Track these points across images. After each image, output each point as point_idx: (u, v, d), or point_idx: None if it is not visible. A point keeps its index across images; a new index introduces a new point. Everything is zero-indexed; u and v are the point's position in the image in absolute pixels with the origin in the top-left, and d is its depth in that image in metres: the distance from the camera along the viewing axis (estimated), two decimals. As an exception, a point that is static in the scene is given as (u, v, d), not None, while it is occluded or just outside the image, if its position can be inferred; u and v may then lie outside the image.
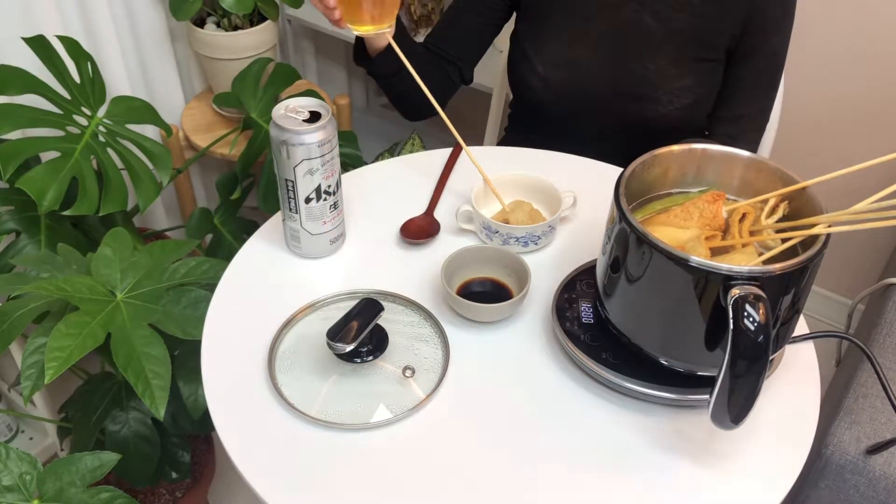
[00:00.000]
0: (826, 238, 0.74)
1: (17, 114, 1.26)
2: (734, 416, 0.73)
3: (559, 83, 1.23)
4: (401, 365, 0.87)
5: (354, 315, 0.84)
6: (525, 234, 1.00)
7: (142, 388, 1.01)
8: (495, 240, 1.01)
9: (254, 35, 1.63)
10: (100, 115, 1.35)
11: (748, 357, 0.69)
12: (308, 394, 0.84)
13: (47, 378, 0.98)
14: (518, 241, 1.00)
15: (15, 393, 1.62)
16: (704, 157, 0.87)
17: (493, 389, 0.87)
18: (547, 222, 1.00)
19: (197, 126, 1.74)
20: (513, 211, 1.03)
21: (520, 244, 1.01)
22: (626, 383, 0.83)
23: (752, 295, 0.69)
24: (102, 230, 1.36)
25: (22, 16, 1.40)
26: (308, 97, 0.94)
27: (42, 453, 1.66)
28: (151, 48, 1.68)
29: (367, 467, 0.79)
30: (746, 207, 0.82)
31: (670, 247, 0.73)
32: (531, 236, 1.00)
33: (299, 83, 1.74)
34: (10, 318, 1.09)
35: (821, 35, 1.65)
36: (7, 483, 0.95)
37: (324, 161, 0.92)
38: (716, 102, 1.24)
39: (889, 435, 1.07)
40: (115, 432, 1.23)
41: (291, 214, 0.97)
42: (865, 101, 1.71)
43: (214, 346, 0.91)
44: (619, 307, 0.83)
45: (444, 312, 0.94)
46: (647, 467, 0.80)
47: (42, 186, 1.20)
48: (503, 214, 1.04)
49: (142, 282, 1.13)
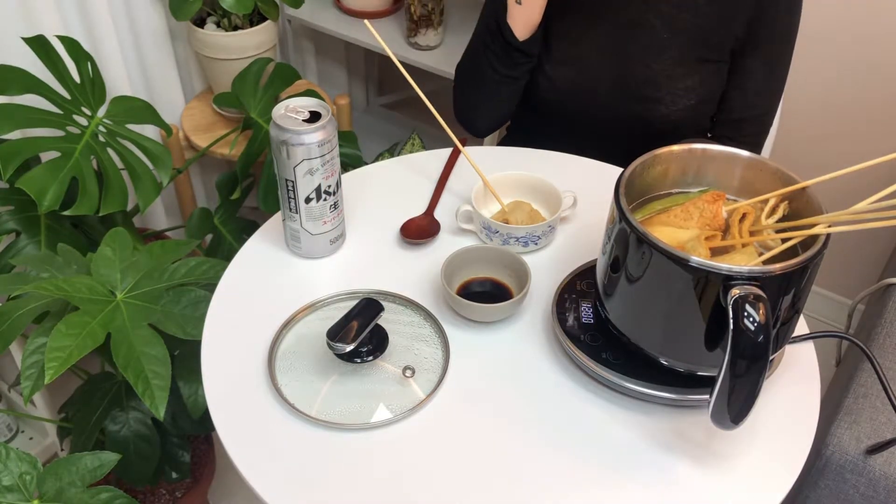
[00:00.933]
0: (826, 238, 0.74)
1: (17, 114, 1.26)
2: (734, 416, 0.73)
3: (564, 82, 1.23)
4: (401, 365, 0.87)
5: (354, 315, 0.84)
6: (525, 234, 1.00)
7: (142, 388, 1.01)
8: (495, 240, 1.01)
9: (254, 35, 1.63)
10: (100, 115, 1.35)
11: (748, 357, 0.69)
12: (308, 394, 0.84)
13: (47, 378, 0.98)
14: (518, 241, 1.00)
15: (15, 393, 1.62)
16: (704, 157, 0.87)
17: (493, 389, 0.87)
18: (547, 222, 1.00)
19: (197, 126, 1.74)
20: (512, 211, 1.03)
21: (520, 244, 1.01)
22: (626, 383, 0.83)
23: (752, 295, 0.69)
24: (102, 230, 1.36)
25: (22, 16, 1.40)
26: (308, 97, 0.94)
27: (42, 453, 1.66)
28: (151, 48, 1.68)
29: (367, 467, 0.79)
30: (746, 207, 0.82)
31: (670, 247, 0.73)
32: (531, 236, 1.00)
33: (299, 83, 1.74)
34: (10, 318, 1.09)
35: (821, 36, 1.65)
36: (7, 483, 0.95)
37: (324, 161, 0.92)
38: (719, 105, 1.24)
39: (889, 435, 1.06)
40: (115, 432, 1.23)
41: (291, 214, 0.97)
42: (865, 102, 1.71)
43: (214, 346, 0.91)
44: (619, 307, 0.83)
45: (444, 312, 0.94)
46: (647, 467, 0.80)
47: (42, 186, 1.20)
48: (503, 215, 1.04)
49: (142, 282, 1.13)
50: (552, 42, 1.22)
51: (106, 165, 1.29)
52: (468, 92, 1.28)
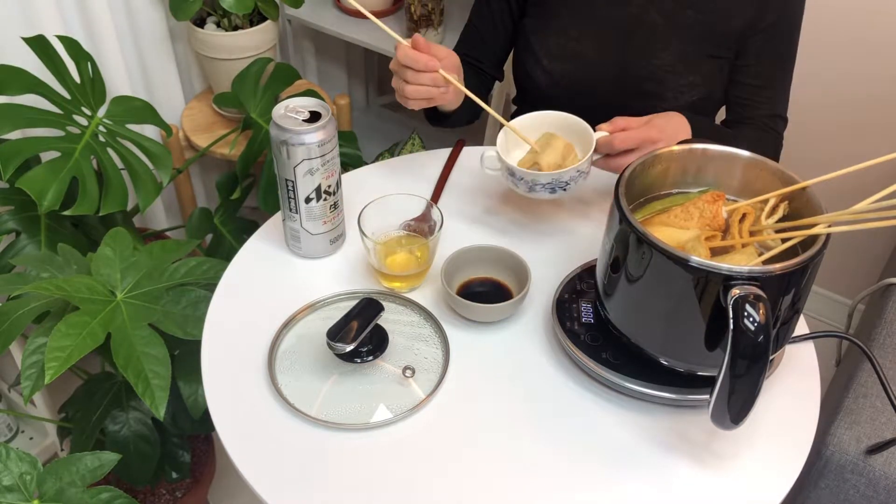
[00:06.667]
0: (826, 238, 0.74)
1: (17, 114, 1.26)
2: (734, 416, 0.73)
3: (564, 77, 1.22)
4: (401, 365, 0.87)
5: (354, 315, 0.84)
6: (551, 180, 0.91)
7: (142, 388, 1.02)
8: (521, 187, 0.94)
9: (254, 35, 1.63)
10: (100, 115, 1.35)
11: (748, 357, 0.69)
12: (308, 394, 0.84)
13: (47, 378, 0.98)
14: (545, 188, 0.92)
15: (15, 393, 1.62)
16: (704, 157, 0.87)
17: (493, 389, 0.87)
18: (575, 167, 0.91)
19: (197, 126, 1.74)
20: (543, 150, 0.92)
21: (546, 191, 0.92)
22: (626, 383, 0.83)
23: (752, 295, 0.69)
24: (102, 230, 1.36)
25: (22, 16, 1.40)
26: (308, 97, 0.94)
27: (42, 453, 1.66)
28: (151, 48, 1.68)
29: (367, 467, 0.79)
30: (746, 207, 0.82)
31: (670, 247, 0.73)
32: (558, 182, 0.91)
33: (299, 83, 1.74)
34: (10, 318, 1.09)
35: (821, 35, 1.65)
36: (7, 483, 0.95)
37: (324, 161, 0.92)
38: (728, 105, 1.24)
39: (889, 435, 1.06)
40: (115, 432, 1.23)
41: (291, 214, 0.97)
42: (865, 101, 1.71)
43: (214, 346, 0.91)
44: (619, 307, 0.83)
45: (444, 312, 0.94)
46: (647, 467, 0.80)
47: (42, 186, 1.20)
48: (533, 157, 0.92)
49: (142, 282, 1.13)
50: (552, 38, 1.22)
51: (106, 165, 1.29)
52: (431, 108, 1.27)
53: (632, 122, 1.00)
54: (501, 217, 1.08)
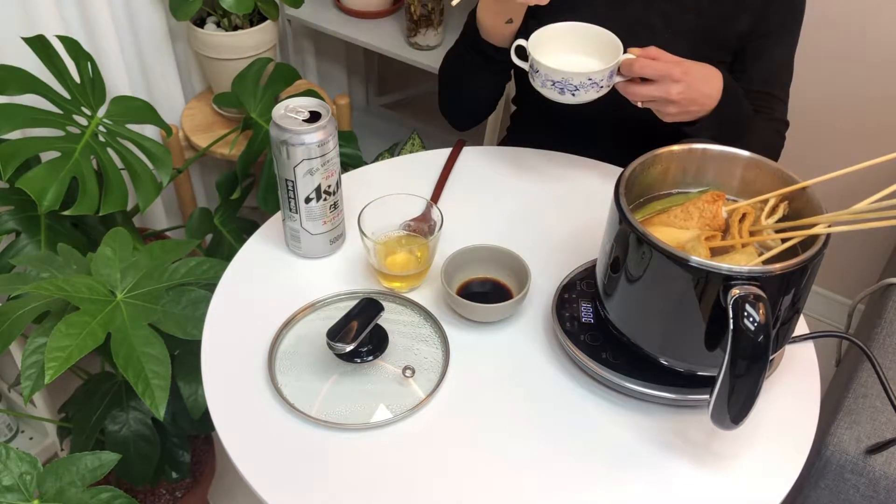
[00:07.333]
0: (826, 238, 0.74)
1: (17, 114, 1.26)
2: (734, 416, 0.73)
3: None
4: (401, 365, 0.87)
5: (354, 315, 0.84)
6: (561, 79, 0.95)
7: (142, 388, 1.01)
8: (536, 80, 0.99)
9: (254, 35, 1.63)
10: (100, 115, 1.35)
11: (748, 357, 0.69)
12: (308, 394, 0.84)
13: (47, 378, 0.98)
14: (554, 87, 0.96)
15: (15, 393, 1.62)
16: (704, 157, 0.87)
17: (493, 389, 0.87)
18: (587, 73, 0.95)
19: (197, 126, 1.74)
20: None
21: (555, 90, 0.96)
22: (626, 383, 0.83)
23: (752, 295, 0.69)
24: (102, 230, 1.36)
25: (22, 16, 1.40)
26: (308, 97, 0.94)
27: (42, 453, 1.66)
28: (151, 48, 1.68)
29: (367, 467, 0.79)
30: (746, 207, 0.82)
31: (670, 247, 0.73)
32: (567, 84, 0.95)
33: (299, 83, 1.74)
34: (10, 318, 1.09)
35: (821, 35, 1.65)
36: (7, 483, 0.95)
37: (324, 161, 0.92)
38: None
39: (889, 435, 1.06)
40: (115, 432, 1.23)
41: (291, 214, 0.97)
42: (865, 102, 1.71)
43: (214, 346, 0.91)
44: (619, 307, 0.83)
45: (444, 312, 0.94)
46: (647, 467, 0.80)
47: (42, 186, 1.20)
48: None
49: (142, 282, 1.13)
50: None
51: (106, 165, 1.29)
52: (450, 94, 1.28)
53: (663, 55, 1.00)
54: (501, 217, 1.08)
